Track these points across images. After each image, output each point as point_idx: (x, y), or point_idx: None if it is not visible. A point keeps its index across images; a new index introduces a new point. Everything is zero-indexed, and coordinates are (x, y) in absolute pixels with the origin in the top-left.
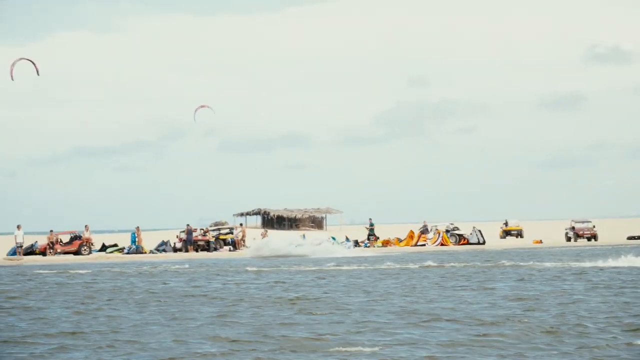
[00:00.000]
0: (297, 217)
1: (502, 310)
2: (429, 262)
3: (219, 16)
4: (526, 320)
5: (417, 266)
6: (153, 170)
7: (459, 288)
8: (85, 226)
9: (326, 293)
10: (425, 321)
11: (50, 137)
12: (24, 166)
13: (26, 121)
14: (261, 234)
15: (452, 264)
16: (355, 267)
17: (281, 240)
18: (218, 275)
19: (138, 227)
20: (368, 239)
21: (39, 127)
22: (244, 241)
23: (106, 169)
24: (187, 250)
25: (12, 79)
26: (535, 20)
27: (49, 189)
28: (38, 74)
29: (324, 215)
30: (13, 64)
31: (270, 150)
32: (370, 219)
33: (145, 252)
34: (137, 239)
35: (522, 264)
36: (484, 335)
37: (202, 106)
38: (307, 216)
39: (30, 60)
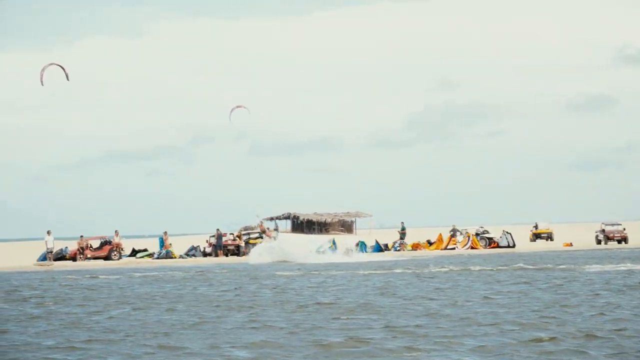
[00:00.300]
0: (326, 221)
1: None
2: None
3: (248, 20)
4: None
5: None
6: (183, 175)
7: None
8: (115, 231)
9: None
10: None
11: (80, 142)
12: (54, 171)
13: (56, 126)
14: (266, 234)
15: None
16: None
17: (296, 245)
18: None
19: (165, 232)
20: (400, 242)
21: (69, 132)
22: None
23: (136, 174)
24: (216, 255)
25: (42, 84)
26: (564, 23)
27: (78, 194)
28: (68, 79)
29: (353, 219)
30: (43, 69)
31: (301, 154)
32: (402, 223)
33: (175, 257)
34: (164, 244)
35: (569, 267)
36: None
37: (237, 106)
38: (336, 220)
39: (60, 66)
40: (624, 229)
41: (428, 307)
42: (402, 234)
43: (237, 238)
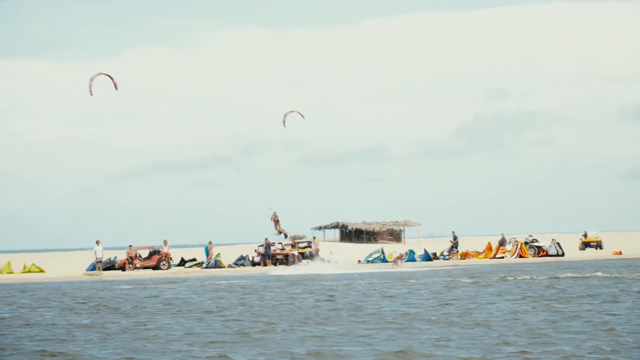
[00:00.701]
0: (375, 230)
1: None
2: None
3: (295, 29)
4: None
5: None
6: (232, 185)
7: None
8: (164, 241)
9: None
10: None
11: (129, 152)
12: (103, 182)
13: (105, 137)
14: (277, 225)
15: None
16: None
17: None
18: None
19: (210, 242)
20: (452, 251)
21: (118, 142)
22: (317, 254)
23: (185, 184)
24: (265, 264)
25: (91, 94)
26: (615, 30)
27: (128, 204)
28: (116, 89)
29: (402, 228)
30: (92, 79)
31: (349, 164)
32: (453, 232)
33: (224, 267)
34: (209, 254)
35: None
36: None
37: (291, 111)
38: (385, 229)
39: (109, 75)
40: None
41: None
42: (455, 243)
43: (285, 247)
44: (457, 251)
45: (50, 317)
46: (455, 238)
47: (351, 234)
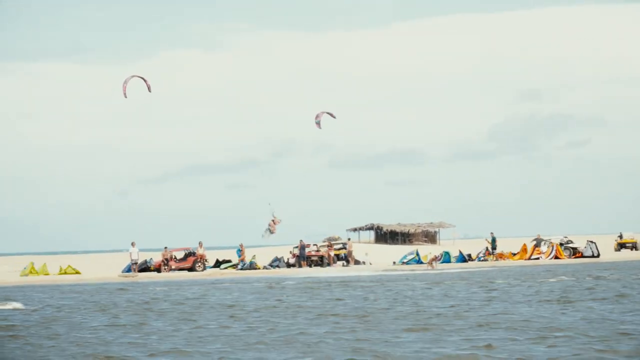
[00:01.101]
0: (410, 231)
1: None
2: None
3: (327, 32)
4: None
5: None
6: (264, 187)
7: None
8: (199, 243)
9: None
10: None
11: (162, 155)
12: (137, 184)
13: (138, 139)
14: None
15: None
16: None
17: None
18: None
19: (242, 244)
20: (491, 252)
21: (151, 145)
22: (350, 255)
23: (217, 187)
24: (300, 266)
25: (125, 97)
26: None
27: (162, 207)
28: (150, 91)
29: (437, 230)
30: (126, 82)
31: (382, 166)
32: (492, 233)
33: (259, 268)
34: (241, 255)
35: None
36: None
37: (323, 112)
38: (420, 231)
39: (142, 78)
40: None
41: None
42: (493, 245)
43: (320, 249)
44: (495, 252)
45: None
46: (494, 239)
47: (386, 236)
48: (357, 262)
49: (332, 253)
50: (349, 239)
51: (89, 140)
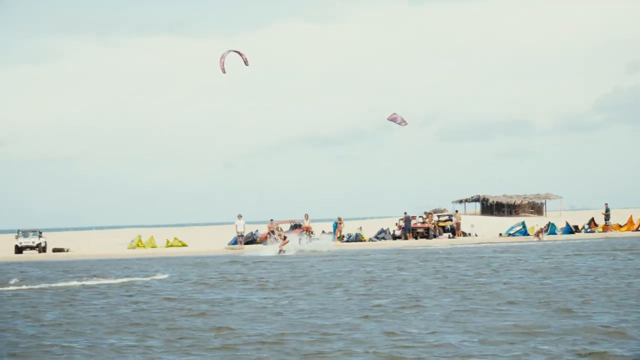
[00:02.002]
0: (515, 203)
1: None
2: None
3: (433, 2)
4: None
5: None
6: (372, 160)
7: None
8: (305, 215)
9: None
10: None
11: (267, 127)
12: (242, 157)
13: (243, 112)
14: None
15: None
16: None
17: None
18: None
19: (340, 217)
20: (605, 223)
21: (257, 118)
22: (459, 228)
23: (325, 159)
24: (406, 238)
25: (224, 72)
26: None
27: (269, 179)
28: (247, 65)
29: (543, 201)
30: (223, 57)
31: (489, 138)
32: (606, 204)
33: (365, 240)
34: (337, 229)
35: None
36: None
37: (394, 114)
38: (526, 202)
39: (238, 52)
40: None
41: None
42: (607, 216)
43: (425, 221)
44: (609, 223)
45: None
46: (607, 210)
47: (492, 207)
48: (464, 234)
49: (430, 226)
50: (456, 211)
51: (196, 112)
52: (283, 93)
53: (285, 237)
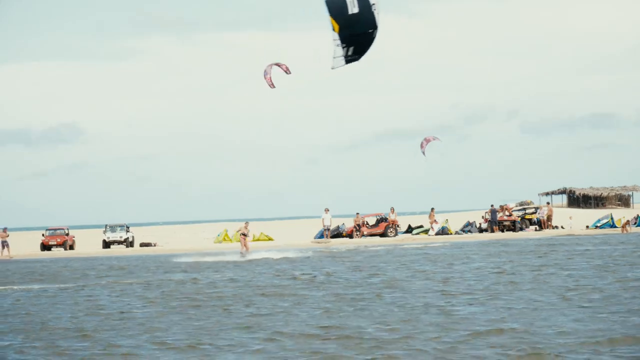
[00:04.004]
0: (602, 195)
1: None
2: None
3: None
4: None
5: None
6: (455, 154)
7: None
8: (391, 208)
9: None
10: None
11: (350, 123)
12: (326, 152)
13: (326, 108)
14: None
15: None
16: None
17: None
18: None
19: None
20: None
21: (339, 114)
22: (550, 220)
23: (408, 153)
24: (492, 231)
25: (273, 87)
26: None
27: (352, 174)
28: (288, 73)
29: (630, 193)
30: (267, 73)
31: (574, 131)
32: None
33: (451, 233)
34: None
35: None
36: None
37: (426, 140)
38: (613, 194)
39: (277, 64)
40: None
41: None
42: None
43: (512, 214)
44: None
45: None
46: None
47: (579, 200)
48: (555, 227)
49: (516, 219)
50: (547, 203)
51: (280, 109)
52: (365, 88)
53: None
